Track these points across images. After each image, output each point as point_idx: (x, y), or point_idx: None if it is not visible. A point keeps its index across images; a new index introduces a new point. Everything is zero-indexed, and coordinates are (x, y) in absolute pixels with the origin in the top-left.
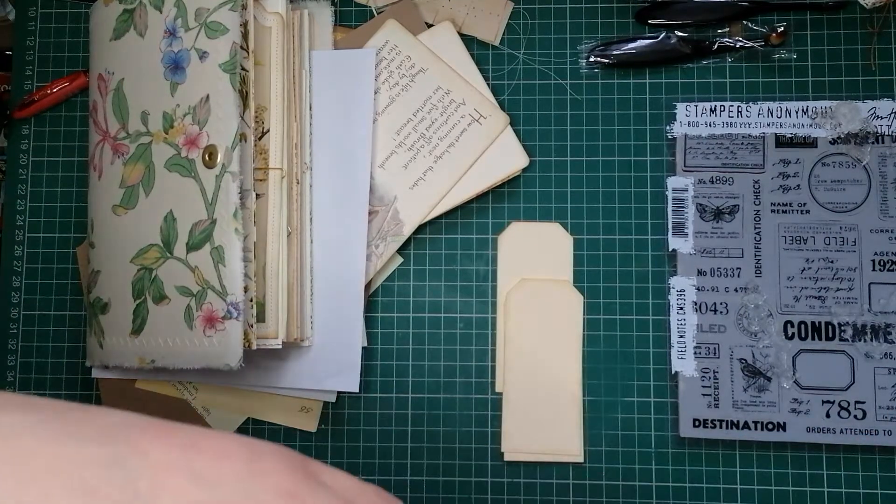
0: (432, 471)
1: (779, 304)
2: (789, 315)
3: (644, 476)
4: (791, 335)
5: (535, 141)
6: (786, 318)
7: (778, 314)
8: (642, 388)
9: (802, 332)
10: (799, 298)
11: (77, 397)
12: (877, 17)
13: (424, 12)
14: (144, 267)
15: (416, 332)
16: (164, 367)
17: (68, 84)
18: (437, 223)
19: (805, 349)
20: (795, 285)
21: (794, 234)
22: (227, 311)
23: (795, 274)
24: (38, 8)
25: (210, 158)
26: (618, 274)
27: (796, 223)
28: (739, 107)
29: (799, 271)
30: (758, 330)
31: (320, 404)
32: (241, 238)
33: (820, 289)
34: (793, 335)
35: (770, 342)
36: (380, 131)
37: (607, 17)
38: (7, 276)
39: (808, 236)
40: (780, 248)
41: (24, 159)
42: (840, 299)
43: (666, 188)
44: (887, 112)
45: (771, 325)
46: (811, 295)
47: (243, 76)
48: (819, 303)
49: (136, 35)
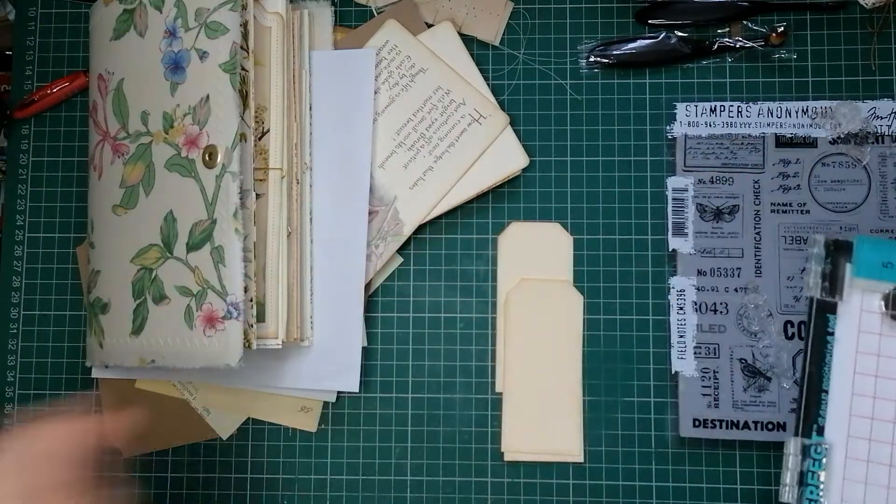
0: (432, 471)
1: (779, 304)
2: (789, 315)
3: (644, 476)
4: (791, 335)
5: (535, 141)
6: (786, 318)
7: (778, 314)
8: (642, 388)
9: (802, 332)
10: (799, 298)
11: (77, 397)
12: (877, 17)
13: (424, 12)
14: (144, 267)
15: (416, 332)
16: (164, 366)
17: (68, 84)
18: (437, 223)
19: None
20: (795, 285)
21: (794, 234)
22: (227, 311)
23: (795, 274)
24: (38, 8)
25: (210, 158)
26: (618, 274)
27: (796, 223)
28: (739, 107)
29: (799, 271)
30: (758, 330)
31: (320, 404)
32: (241, 238)
33: None
34: (793, 335)
35: (770, 342)
36: (380, 131)
37: (607, 17)
38: (7, 276)
39: (808, 236)
40: (780, 248)
41: (24, 159)
42: None
43: (666, 188)
44: (887, 112)
45: (771, 325)
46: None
47: (243, 76)
48: None
49: (136, 35)
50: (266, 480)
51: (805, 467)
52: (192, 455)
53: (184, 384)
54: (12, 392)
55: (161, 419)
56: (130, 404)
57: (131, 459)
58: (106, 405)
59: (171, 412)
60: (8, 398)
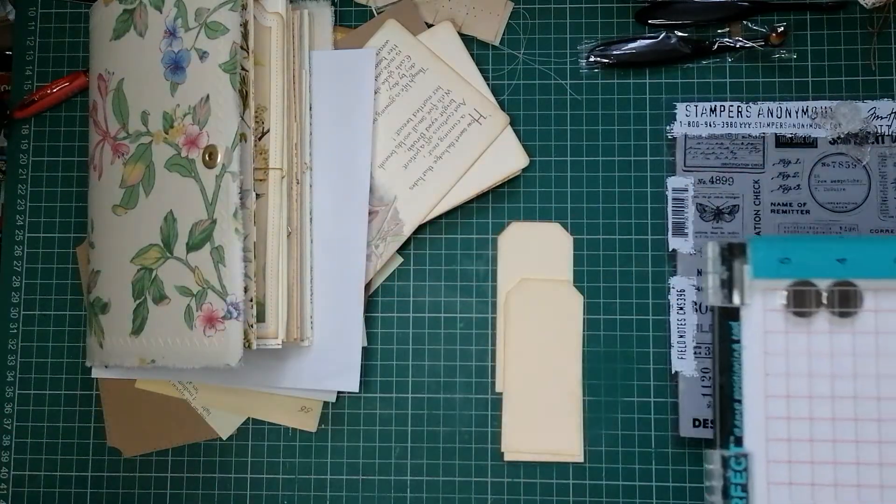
0: (432, 471)
1: None
2: None
3: (644, 476)
4: None
5: (535, 141)
6: None
7: None
8: (642, 388)
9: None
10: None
11: (77, 397)
12: (877, 17)
13: (424, 12)
14: (144, 267)
15: (416, 332)
16: (164, 366)
17: (68, 84)
18: (437, 223)
19: None
20: None
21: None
22: (227, 311)
23: None
24: (38, 8)
25: (210, 158)
26: (618, 274)
27: (796, 223)
28: (739, 107)
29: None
30: None
31: (320, 404)
32: (241, 238)
33: None
34: None
35: None
36: (380, 131)
37: (607, 17)
38: (7, 276)
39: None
40: None
41: (24, 159)
42: None
43: (666, 188)
44: (887, 112)
45: None
46: None
47: (243, 76)
48: None
49: (136, 35)
50: (266, 480)
51: (728, 479)
52: (192, 455)
53: (184, 384)
54: (12, 392)
55: (161, 419)
56: (130, 404)
57: (131, 459)
58: (106, 405)
59: (171, 412)
60: (8, 398)
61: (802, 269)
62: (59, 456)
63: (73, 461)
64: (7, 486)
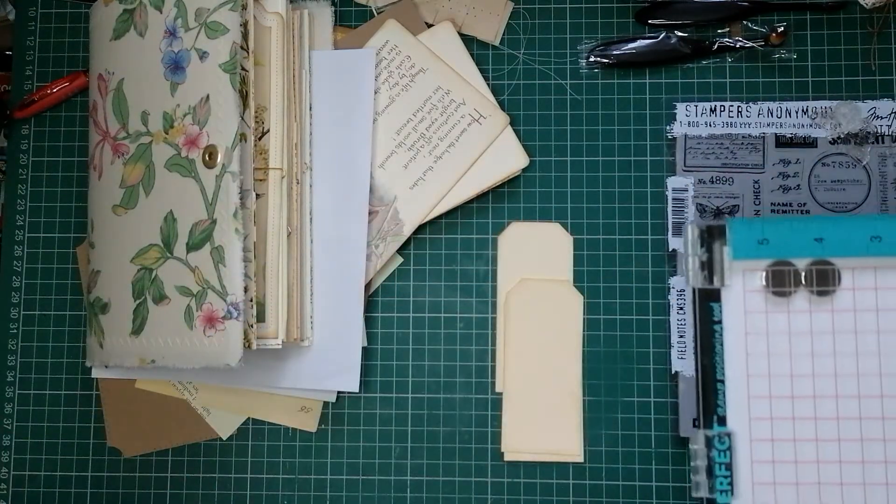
0: (432, 471)
1: None
2: None
3: (644, 476)
4: None
5: (535, 141)
6: None
7: None
8: (642, 388)
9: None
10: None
11: (77, 397)
12: (877, 17)
13: (424, 12)
14: (144, 267)
15: (416, 332)
16: (164, 366)
17: (68, 84)
18: (437, 223)
19: None
20: None
21: None
22: (227, 311)
23: None
24: (38, 8)
25: (210, 158)
26: (618, 274)
27: None
28: (739, 107)
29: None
30: None
31: (320, 404)
32: (241, 238)
33: None
34: None
35: None
36: (380, 131)
37: (607, 17)
38: (7, 276)
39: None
40: None
41: (24, 159)
42: None
43: (666, 188)
44: (887, 112)
45: None
46: None
47: (243, 76)
48: None
49: (136, 35)
50: (266, 480)
51: (712, 458)
52: (192, 455)
53: (184, 384)
54: (12, 392)
55: (161, 419)
56: (130, 404)
57: (131, 459)
58: (106, 405)
59: (171, 412)
60: (8, 398)
61: (781, 250)
62: (59, 456)
63: (73, 461)
64: (7, 486)
